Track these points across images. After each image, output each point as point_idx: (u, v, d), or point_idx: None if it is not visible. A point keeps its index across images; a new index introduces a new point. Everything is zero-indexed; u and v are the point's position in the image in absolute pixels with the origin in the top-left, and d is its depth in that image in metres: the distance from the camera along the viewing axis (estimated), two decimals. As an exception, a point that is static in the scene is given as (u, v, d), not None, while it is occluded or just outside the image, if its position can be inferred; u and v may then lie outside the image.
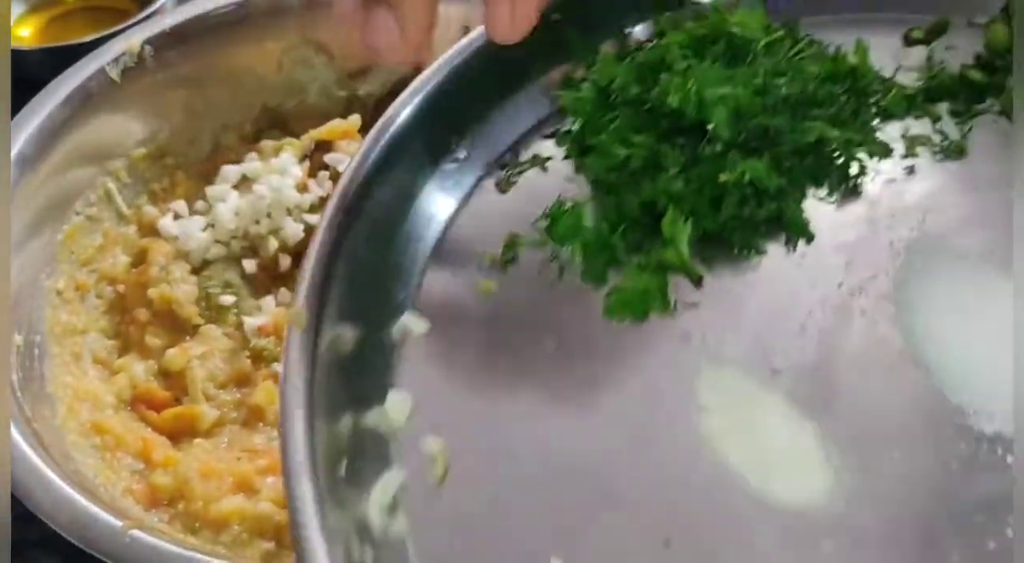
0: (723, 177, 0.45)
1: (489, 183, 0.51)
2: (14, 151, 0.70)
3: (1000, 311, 0.42)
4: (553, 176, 0.51)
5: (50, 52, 0.90)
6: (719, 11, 0.49)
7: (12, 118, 0.72)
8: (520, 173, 0.51)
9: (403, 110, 0.50)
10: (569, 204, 0.47)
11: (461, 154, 0.51)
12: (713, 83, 0.45)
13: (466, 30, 0.86)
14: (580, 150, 0.50)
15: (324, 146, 0.81)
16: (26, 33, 1.01)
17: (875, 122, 0.50)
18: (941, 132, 0.49)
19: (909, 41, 0.53)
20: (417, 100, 0.50)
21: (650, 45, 0.51)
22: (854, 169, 0.48)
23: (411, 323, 0.46)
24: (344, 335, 0.44)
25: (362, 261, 0.46)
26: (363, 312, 0.45)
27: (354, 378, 0.44)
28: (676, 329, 0.44)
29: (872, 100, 0.50)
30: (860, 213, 0.47)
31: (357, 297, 0.45)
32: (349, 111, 0.85)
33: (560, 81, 0.53)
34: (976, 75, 0.50)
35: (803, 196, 0.47)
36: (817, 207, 0.47)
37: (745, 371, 0.42)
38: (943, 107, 0.51)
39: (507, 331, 0.45)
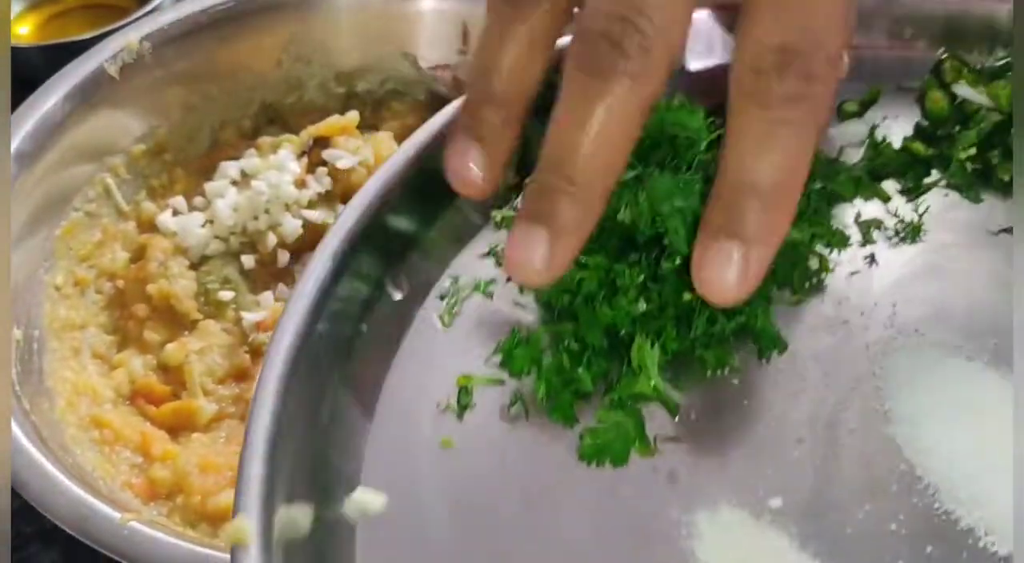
0: (688, 296, 0.41)
1: (429, 317, 0.46)
2: (12, 148, 0.70)
3: (990, 411, 0.40)
4: (499, 300, 0.46)
5: (49, 49, 0.90)
6: (656, 110, 0.44)
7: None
8: (462, 301, 0.47)
9: (328, 263, 0.44)
10: (523, 335, 0.44)
11: (396, 296, 0.46)
12: (665, 195, 0.42)
13: (465, 29, 0.87)
14: None
15: (322, 142, 0.81)
16: (25, 31, 1.02)
17: (825, 208, 0.47)
18: (894, 214, 0.48)
19: (843, 114, 0.51)
20: (340, 251, 0.45)
21: None
22: (814, 263, 0.45)
23: (366, 499, 0.40)
24: (295, 523, 0.39)
25: (303, 430, 0.41)
26: (312, 491, 0.40)
27: None
28: (660, 470, 0.40)
29: (819, 185, 0.47)
30: (829, 313, 0.44)
31: (304, 475, 0.40)
32: (347, 107, 0.86)
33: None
34: (919, 148, 0.49)
35: (768, 301, 0.44)
36: (783, 311, 0.44)
37: (743, 514, 0.39)
38: (891, 185, 0.49)
39: (475, 493, 0.41)
